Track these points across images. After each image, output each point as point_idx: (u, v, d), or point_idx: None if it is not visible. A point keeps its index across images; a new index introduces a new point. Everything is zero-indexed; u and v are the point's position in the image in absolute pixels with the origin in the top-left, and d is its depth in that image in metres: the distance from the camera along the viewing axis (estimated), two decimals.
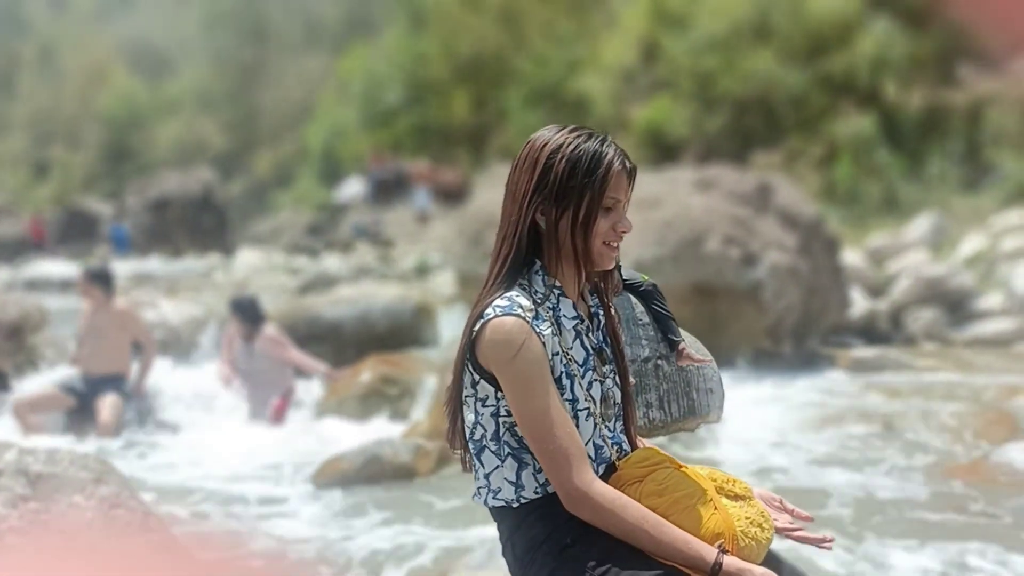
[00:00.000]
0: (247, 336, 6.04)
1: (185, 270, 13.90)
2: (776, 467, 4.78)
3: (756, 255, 7.56)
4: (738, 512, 1.76)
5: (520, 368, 1.68)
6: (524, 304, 1.72)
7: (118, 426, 5.57)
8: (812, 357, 7.99)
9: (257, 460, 5.14)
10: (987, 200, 12.52)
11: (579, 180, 1.72)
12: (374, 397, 6.03)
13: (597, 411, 1.78)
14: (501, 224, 1.81)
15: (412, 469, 4.69)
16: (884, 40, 15.48)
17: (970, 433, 5.13)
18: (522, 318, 1.69)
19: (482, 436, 1.78)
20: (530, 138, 1.81)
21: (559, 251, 1.76)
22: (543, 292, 1.77)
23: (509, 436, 1.75)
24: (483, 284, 1.81)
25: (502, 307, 1.70)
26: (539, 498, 1.74)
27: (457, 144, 24.91)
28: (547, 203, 1.74)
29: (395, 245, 18.88)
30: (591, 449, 1.76)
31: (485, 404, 1.76)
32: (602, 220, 1.74)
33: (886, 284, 9.93)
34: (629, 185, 1.79)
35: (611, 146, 1.76)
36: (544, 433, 1.68)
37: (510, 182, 1.80)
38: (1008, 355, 8.24)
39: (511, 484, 1.75)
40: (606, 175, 1.73)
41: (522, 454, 1.75)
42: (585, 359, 1.79)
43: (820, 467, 4.73)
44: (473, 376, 1.75)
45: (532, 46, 22.86)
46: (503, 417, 1.74)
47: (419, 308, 7.98)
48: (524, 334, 1.68)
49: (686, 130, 16.71)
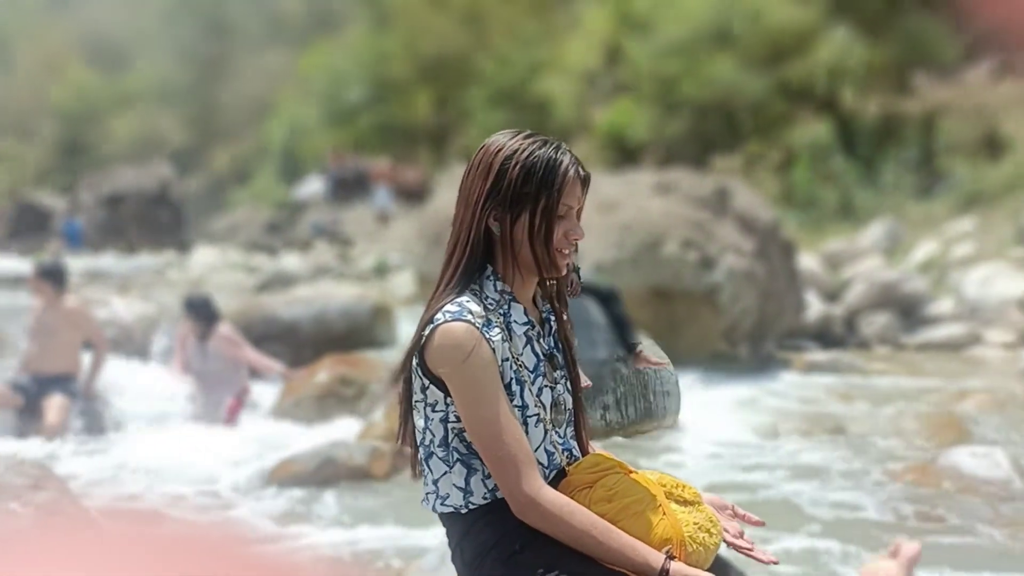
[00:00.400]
0: (201, 335, 5.96)
1: (139, 267, 13.68)
2: (728, 469, 4.82)
3: (714, 259, 7.62)
4: (687, 518, 1.77)
5: (469, 374, 1.67)
6: (474, 310, 1.71)
7: (64, 427, 5.46)
8: (767, 360, 8.09)
9: (209, 461, 5.06)
10: (940, 207, 12.77)
11: (533, 187, 1.72)
12: (330, 398, 5.98)
13: (547, 417, 1.78)
14: (453, 229, 1.80)
15: (367, 471, 4.65)
16: (842, 48, 15.72)
17: (919, 436, 5.23)
18: (472, 324, 1.68)
19: (431, 441, 1.76)
20: (485, 142, 1.80)
21: (512, 257, 1.76)
22: (495, 298, 1.77)
23: (458, 442, 1.74)
24: (434, 288, 1.80)
25: (452, 312, 1.69)
26: (488, 503, 1.73)
27: (419, 143, 24.82)
28: (500, 209, 1.74)
29: (354, 245, 18.76)
30: (542, 455, 1.76)
31: (435, 410, 1.74)
32: (555, 227, 1.74)
33: (841, 288, 10.08)
34: (583, 192, 1.78)
35: (566, 153, 1.75)
36: (493, 439, 1.67)
37: (463, 187, 1.79)
38: (958, 359, 8.41)
39: (460, 490, 1.74)
40: (561, 183, 1.72)
41: (471, 460, 1.74)
42: (536, 365, 1.78)
43: (771, 470, 4.78)
44: (423, 381, 1.74)
45: (495, 47, 22.85)
46: (452, 423, 1.73)
47: (377, 309, 7.94)
48: (474, 340, 1.67)
49: (647, 133, 16.81)
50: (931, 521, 3.91)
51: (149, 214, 19.61)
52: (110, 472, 4.94)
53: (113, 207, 19.87)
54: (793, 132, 15.55)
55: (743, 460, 5.00)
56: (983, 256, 10.36)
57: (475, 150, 1.83)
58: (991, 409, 6.06)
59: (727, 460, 5.00)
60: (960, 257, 10.59)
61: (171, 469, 4.94)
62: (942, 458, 4.51)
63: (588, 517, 1.68)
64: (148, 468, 5.00)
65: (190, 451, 5.25)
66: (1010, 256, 9.95)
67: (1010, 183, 12.18)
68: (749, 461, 4.97)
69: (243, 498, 4.48)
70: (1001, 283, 9.32)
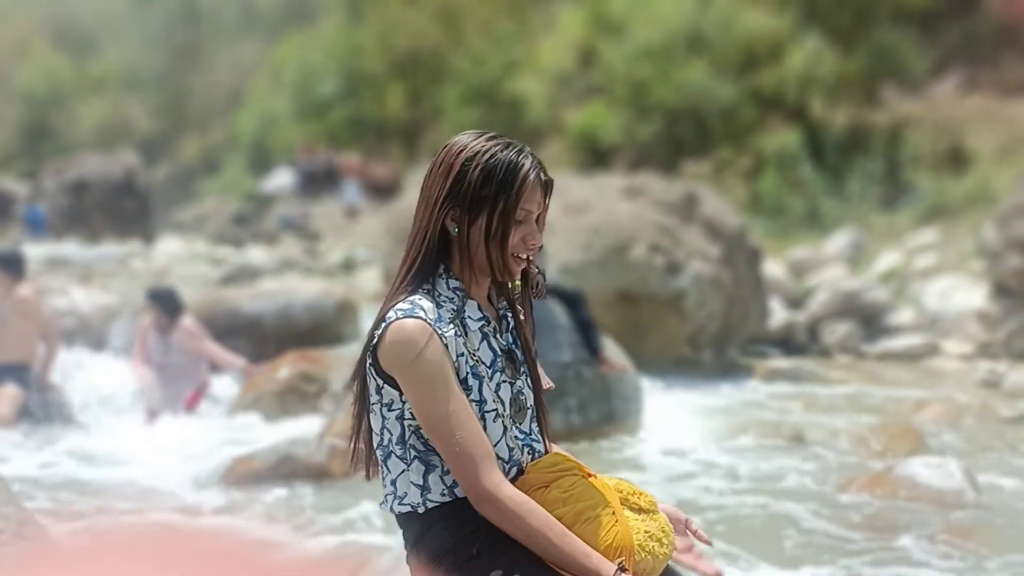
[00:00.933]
0: (163, 328, 5.89)
1: (102, 256, 13.46)
2: (686, 475, 4.84)
3: (680, 264, 7.66)
4: (639, 525, 1.77)
5: (422, 370, 1.66)
6: (426, 306, 1.71)
7: (15, 418, 5.36)
8: (731, 366, 8.15)
9: (165, 456, 5.00)
10: (903, 218, 12.94)
11: (492, 189, 1.71)
12: (291, 394, 5.93)
13: (506, 413, 1.77)
14: (412, 227, 1.79)
15: (326, 470, 4.61)
16: (812, 58, 15.88)
17: (876, 446, 5.28)
18: (423, 320, 1.68)
19: (388, 441, 1.75)
20: (448, 142, 1.80)
21: (469, 258, 1.76)
22: (447, 295, 1.76)
23: (415, 439, 1.73)
24: (390, 288, 1.79)
25: (403, 310, 1.69)
26: (446, 503, 1.73)
27: (390, 139, 24.69)
28: (459, 210, 1.73)
29: (322, 239, 18.63)
30: (503, 451, 1.75)
31: (391, 408, 1.74)
32: (514, 232, 1.73)
33: (805, 296, 10.19)
34: (544, 198, 1.78)
35: (528, 157, 1.75)
36: (449, 434, 1.66)
37: (424, 185, 1.79)
38: (917, 369, 8.53)
39: (417, 487, 1.73)
40: (520, 187, 1.72)
41: (429, 456, 1.73)
42: (493, 360, 1.78)
43: (729, 476, 4.81)
44: (376, 382, 1.73)
45: (470, 44, 22.80)
46: (408, 420, 1.72)
47: (342, 304, 7.88)
48: (425, 336, 1.67)
49: (619, 136, 16.87)
50: (882, 531, 3.95)
51: (114, 202, 19.28)
52: (60, 467, 4.86)
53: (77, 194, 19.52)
54: (763, 139, 15.69)
55: (701, 466, 5.02)
56: (944, 268, 10.52)
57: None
58: (947, 420, 6.15)
59: (685, 465, 5.02)
60: (922, 268, 10.75)
61: (124, 463, 4.88)
62: (898, 468, 4.56)
63: (546, 518, 1.67)
64: (100, 462, 4.93)
65: (146, 445, 5.19)
66: (970, 269, 10.11)
67: (972, 197, 12.38)
68: (707, 467, 5.00)
69: (196, 495, 4.42)
70: (961, 295, 9.47)
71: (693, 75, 16.18)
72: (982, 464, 4.98)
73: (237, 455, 4.76)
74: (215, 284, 11.13)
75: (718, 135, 16.29)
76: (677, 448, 5.33)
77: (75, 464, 4.90)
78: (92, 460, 4.96)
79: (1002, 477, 4.76)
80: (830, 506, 4.28)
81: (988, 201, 11.50)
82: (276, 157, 26.37)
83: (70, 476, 4.68)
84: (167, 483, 4.60)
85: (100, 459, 4.97)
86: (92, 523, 3.62)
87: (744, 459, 5.15)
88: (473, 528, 1.70)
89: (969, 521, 4.04)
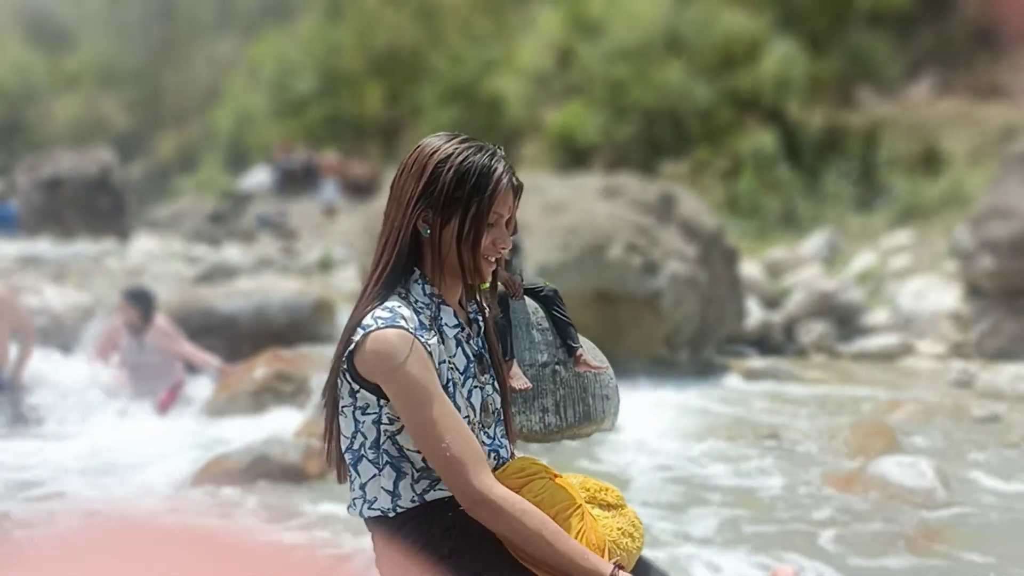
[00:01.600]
0: (137, 328, 5.84)
1: (76, 254, 13.29)
2: (661, 473, 4.86)
3: (657, 264, 7.69)
4: (610, 523, 1.80)
5: (408, 377, 1.65)
6: (406, 315, 1.70)
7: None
8: (707, 365, 8.19)
9: (138, 456, 4.96)
10: (878, 219, 13.06)
11: (466, 192, 1.71)
12: (267, 393, 5.90)
13: (476, 419, 1.77)
14: (383, 229, 1.78)
15: (301, 470, 4.59)
16: (787, 60, 15.99)
17: (849, 445, 5.33)
18: (405, 329, 1.67)
19: (361, 445, 1.74)
20: (420, 144, 1.79)
21: (441, 261, 1.75)
22: (424, 301, 1.76)
23: (390, 444, 1.72)
24: (362, 290, 1.78)
25: (384, 319, 1.67)
26: (415, 507, 1.72)
27: (369, 138, 24.60)
28: (431, 212, 1.73)
29: (299, 238, 18.51)
30: None
31: (365, 412, 1.72)
32: (484, 234, 1.73)
33: (781, 296, 10.26)
34: (515, 201, 1.78)
35: (500, 161, 1.75)
36: (438, 440, 1.65)
37: (395, 187, 1.78)
38: (891, 369, 8.60)
39: (388, 493, 1.73)
40: (493, 190, 1.72)
41: (401, 463, 1.72)
42: (466, 366, 1.78)
43: (703, 475, 4.84)
44: (352, 386, 1.72)
45: (449, 43, 22.77)
46: (384, 425, 1.71)
47: (318, 304, 7.85)
48: (407, 345, 1.66)
49: (597, 136, 16.90)
50: (854, 529, 3.98)
51: (88, 200, 19.05)
52: (31, 468, 4.80)
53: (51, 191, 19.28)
54: (740, 141, 15.78)
55: (676, 464, 5.05)
56: (918, 269, 10.63)
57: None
58: (920, 419, 6.21)
59: (661, 464, 5.05)
60: (896, 269, 10.85)
61: (96, 463, 4.83)
62: (871, 467, 4.60)
63: (540, 517, 1.67)
64: (72, 461, 4.87)
65: (119, 445, 5.14)
66: (943, 270, 10.22)
67: (946, 199, 12.52)
68: (682, 465, 5.02)
69: (170, 495, 4.38)
70: (934, 296, 9.57)
71: (671, 76, 16.25)
72: (954, 463, 5.03)
73: (211, 455, 4.72)
74: (191, 283, 11.04)
75: (695, 136, 16.36)
76: (653, 447, 5.35)
77: (43, 466, 4.84)
78: (61, 460, 4.91)
79: (973, 476, 4.82)
80: (803, 504, 4.31)
81: (961, 203, 11.64)
82: (253, 155, 26.19)
83: (39, 477, 4.63)
84: (140, 483, 4.55)
85: (69, 459, 4.92)
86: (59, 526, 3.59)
87: (719, 458, 5.18)
88: (444, 528, 1.70)
89: (940, 520, 4.08)
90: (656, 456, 5.19)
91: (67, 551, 1.19)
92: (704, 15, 16.67)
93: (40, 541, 1.90)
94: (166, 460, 4.94)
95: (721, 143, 16.09)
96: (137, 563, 1.11)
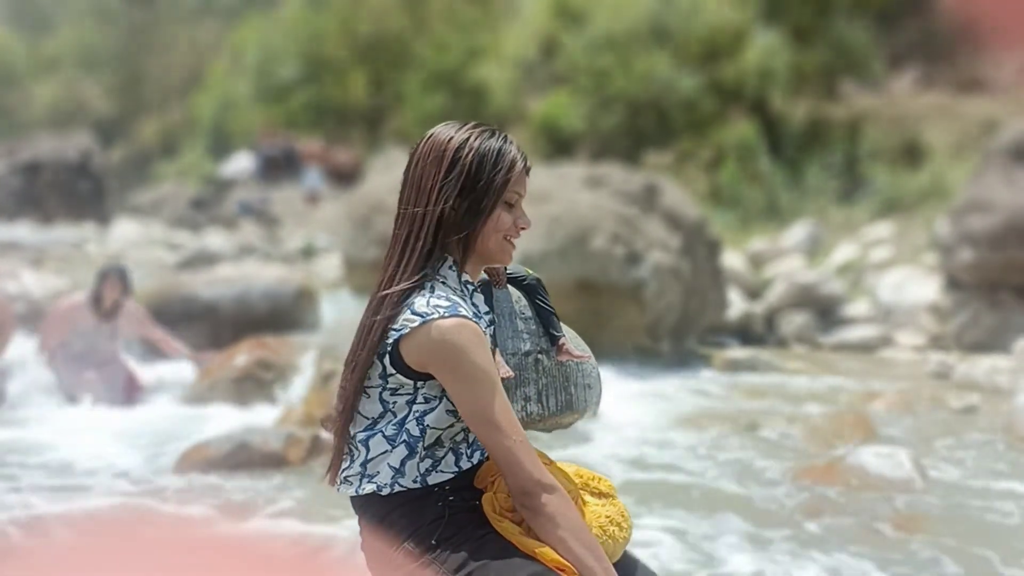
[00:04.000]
0: (109, 311, 5.74)
1: (55, 240, 13.19)
2: (641, 463, 4.89)
3: (640, 254, 7.71)
4: (599, 510, 1.82)
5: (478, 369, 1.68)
6: (461, 303, 1.73)
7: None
8: (688, 356, 8.23)
9: (117, 444, 4.93)
10: (860, 211, 13.13)
11: (487, 175, 1.75)
12: (248, 381, 5.87)
13: None
14: (402, 216, 1.79)
15: (282, 458, 4.59)
16: (771, 52, 16.02)
17: (828, 435, 5.37)
18: (468, 319, 1.70)
19: (386, 422, 1.74)
20: (431, 132, 1.81)
21: (467, 246, 1.78)
22: (460, 289, 1.79)
23: (414, 424, 1.73)
24: (385, 275, 1.77)
25: (444, 307, 1.69)
26: (407, 492, 1.73)
27: (352, 125, 24.48)
28: (455, 197, 1.74)
29: (282, 225, 18.44)
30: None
31: (396, 393, 1.73)
32: (505, 215, 1.78)
33: (763, 287, 10.31)
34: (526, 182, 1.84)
35: (512, 144, 1.80)
36: (509, 432, 1.68)
37: (413, 175, 1.79)
38: (870, 360, 8.68)
39: (392, 469, 1.73)
40: (510, 170, 1.76)
41: (416, 443, 1.73)
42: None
43: (683, 465, 4.87)
44: (386, 369, 1.72)
45: (433, 31, 22.66)
46: (418, 404, 1.73)
47: (301, 291, 7.82)
48: (476, 337, 1.69)
49: (581, 126, 16.89)
50: (831, 518, 4.02)
51: (68, 185, 18.87)
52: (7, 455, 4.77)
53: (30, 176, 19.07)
54: (723, 131, 15.81)
55: (657, 454, 5.08)
56: (898, 261, 10.71)
57: (414, 132, 1.89)
58: (898, 410, 6.27)
59: (642, 453, 5.07)
60: (877, 261, 10.92)
61: (73, 452, 4.80)
62: (849, 457, 4.65)
63: (580, 522, 1.71)
64: (48, 450, 4.84)
65: (99, 434, 5.11)
66: (923, 262, 10.30)
67: (927, 191, 12.60)
68: (662, 455, 5.05)
69: (149, 483, 4.37)
70: (914, 288, 9.64)
71: (655, 66, 16.25)
72: (931, 454, 5.09)
73: (191, 443, 4.71)
74: (172, 269, 10.98)
75: (679, 126, 16.37)
76: (634, 436, 5.38)
77: (20, 453, 4.81)
78: (36, 449, 4.87)
79: (949, 467, 4.87)
80: (781, 493, 4.35)
81: (942, 196, 11.72)
82: (235, 141, 26.01)
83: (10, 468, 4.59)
84: (120, 471, 4.53)
85: (45, 448, 4.88)
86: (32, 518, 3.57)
87: (699, 447, 5.22)
88: (433, 518, 1.72)
89: (916, 510, 4.13)
90: (635, 445, 5.22)
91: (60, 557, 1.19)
92: (689, 5, 16.67)
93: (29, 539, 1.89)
94: (146, 447, 4.92)
95: (704, 134, 16.11)
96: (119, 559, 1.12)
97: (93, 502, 4.03)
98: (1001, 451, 5.21)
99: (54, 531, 3.56)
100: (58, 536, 3.45)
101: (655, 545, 3.63)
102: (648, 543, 3.61)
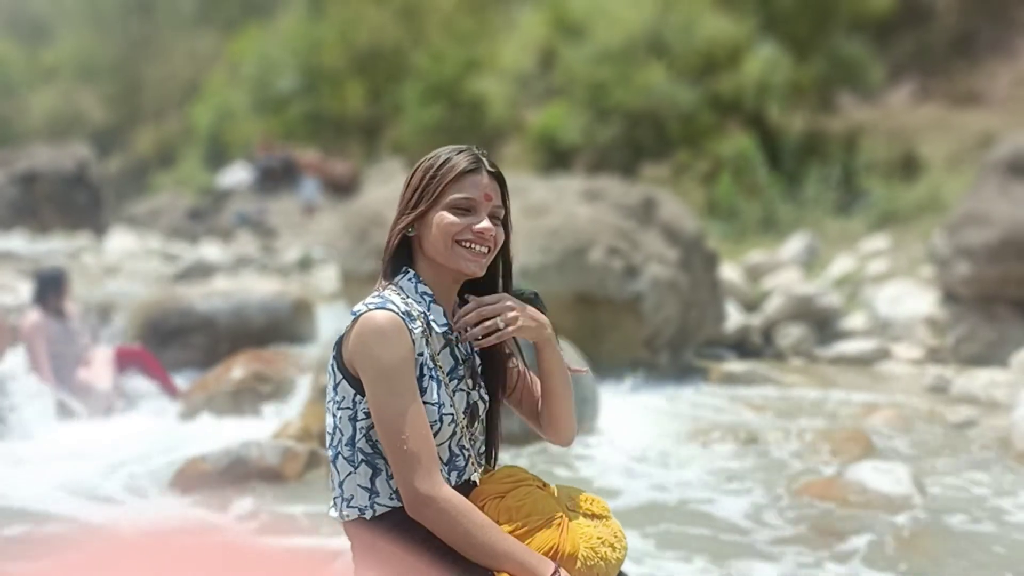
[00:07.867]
0: (59, 312, 5.79)
1: (52, 250, 13.15)
2: (639, 476, 4.87)
3: (638, 267, 7.70)
4: (591, 532, 1.82)
5: (386, 363, 1.68)
6: (396, 300, 1.75)
7: None
8: (686, 369, 8.21)
9: (113, 458, 4.91)
10: (857, 224, 13.14)
11: (428, 183, 1.80)
12: (245, 394, 5.86)
13: (461, 420, 1.79)
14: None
15: (279, 472, 4.56)
16: (769, 65, 16.06)
17: (826, 450, 5.36)
18: (394, 313, 1.71)
19: (339, 441, 1.76)
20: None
21: (424, 256, 1.82)
22: (415, 297, 1.80)
23: (364, 441, 1.73)
24: None
25: (374, 303, 1.73)
26: (393, 510, 1.73)
27: (350, 136, 24.50)
28: (412, 212, 1.81)
29: (279, 236, 18.41)
30: (444, 452, 1.77)
31: (341, 407, 1.75)
32: (450, 216, 1.78)
33: (760, 300, 10.30)
34: (497, 192, 1.83)
35: (467, 154, 1.81)
36: (398, 432, 1.67)
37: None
38: (868, 374, 8.66)
39: (365, 490, 1.74)
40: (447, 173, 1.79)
41: (375, 460, 1.73)
42: (453, 368, 1.81)
43: (681, 479, 4.84)
44: (335, 377, 1.75)
45: (431, 42, 22.70)
46: (360, 421, 1.73)
47: (298, 304, 7.80)
48: (395, 328, 1.69)
49: (579, 138, 16.91)
50: (830, 535, 4.00)
51: (65, 195, 18.82)
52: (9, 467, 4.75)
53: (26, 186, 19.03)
54: (721, 144, 15.83)
55: (654, 468, 5.05)
56: (895, 274, 10.71)
57: (411, 144, 2.00)
58: (897, 424, 6.26)
59: (639, 466, 5.05)
60: (874, 274, 10.93)
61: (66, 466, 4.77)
62: (847, 472, 4.63)
63: (483, 519, 1.69)
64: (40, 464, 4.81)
65: (93, 447, 5.08)
66: (920, 275, 10.30)
67: (923, 204, 12.62)
68: (660, 469, 5.03)
69: (146, 498, 4.34)
70: (911, 301, 9.64)
71: (653, 79, 16.28)
72: (929, 469, 5.08)
73: (188, 457, 4.68)
74: (168, 281, 10.95)
75: (677, 139, 16.40)
76: (631, 449, 5.36)
77: (12, 466, 4.78)
78: (30, 463, 4.84)
79: (948, 482, 4.86)
80: (779, 509, 4.33)
81: (938, 209, 11.74)
82: (233, 152, 26.01)
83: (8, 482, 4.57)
84: (115, 486, 4.50)
85: (38, 461, 4.85)
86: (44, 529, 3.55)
87: (697, 461, 5.19)
88: (423, 536, 1.71)
89: (916, 526, 4.11)
90: (632, 459, 5.20)
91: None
92: (687, 19, 16.72)
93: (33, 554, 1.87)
94: (142, 461, 4.89)
95: (702, 146, 16.14)
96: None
97: (89, 517, 4.01)
98: (999, 466, 5.20)
99: (52, 546, 3.54)
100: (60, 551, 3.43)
101: (650, 562, 3.61)
102: (642, 559, 3.59)
